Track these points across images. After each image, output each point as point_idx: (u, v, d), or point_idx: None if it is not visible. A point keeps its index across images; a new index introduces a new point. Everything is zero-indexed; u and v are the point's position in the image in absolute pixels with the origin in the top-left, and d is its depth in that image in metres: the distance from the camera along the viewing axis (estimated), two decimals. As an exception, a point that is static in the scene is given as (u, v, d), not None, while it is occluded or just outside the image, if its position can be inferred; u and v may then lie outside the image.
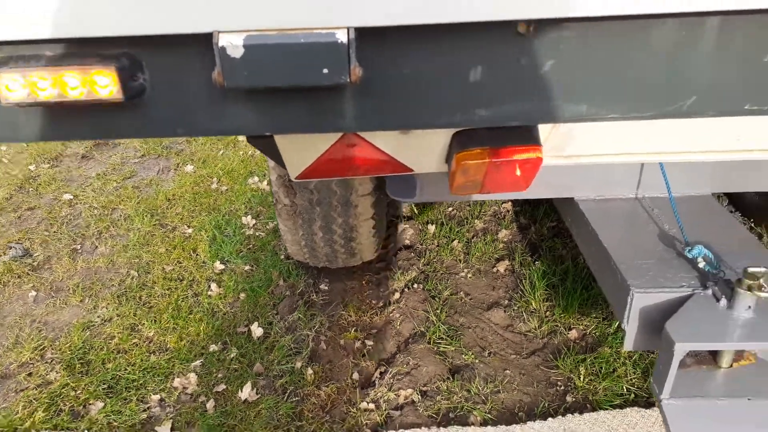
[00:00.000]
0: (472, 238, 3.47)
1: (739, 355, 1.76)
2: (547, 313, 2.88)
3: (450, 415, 2.40)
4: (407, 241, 3.47)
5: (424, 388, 2.51)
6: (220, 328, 2.80)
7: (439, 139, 1.30)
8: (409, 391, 2.49)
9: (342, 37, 0.79)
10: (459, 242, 3.41)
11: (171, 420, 2.35)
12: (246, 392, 2.44)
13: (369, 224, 2.70)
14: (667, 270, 1.83)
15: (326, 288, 3.11)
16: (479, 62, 0.90)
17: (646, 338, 1.78)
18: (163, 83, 0.89)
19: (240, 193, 3.95)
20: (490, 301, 3.02)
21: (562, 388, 2.52)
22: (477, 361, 2.65)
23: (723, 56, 0.91)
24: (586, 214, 2.21)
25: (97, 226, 3.65)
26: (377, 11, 0.79)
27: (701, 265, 1.77)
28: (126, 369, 2.56)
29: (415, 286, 3.09)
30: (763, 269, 1.63)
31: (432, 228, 3.53)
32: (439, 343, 2.73)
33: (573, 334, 2.77)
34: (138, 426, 2.33)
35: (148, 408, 2.41)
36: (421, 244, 3.43)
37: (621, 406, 2.39)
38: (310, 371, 2.56)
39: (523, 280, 3.06)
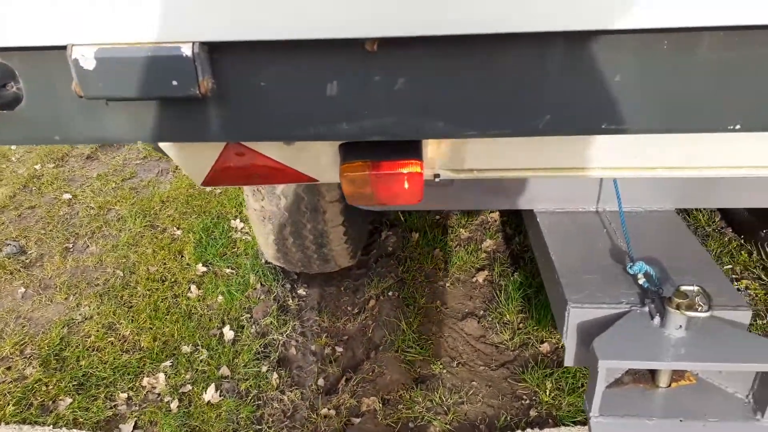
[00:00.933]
0: (456, 246, 3.46)
1: (679, 375, 1.72)
2: (521, 325, 2.86)
3: (410, 425, 2.40)
4: (390, 248, 3.48)
5: (387, 397, 2.51)
6: (194, 330, 2.85)
7: (327, 149, 1.31)
8: (372, 398, 2.50)
9: (187, 51, 0.82)
10: (441, 250, 3.41)
11: (135, 418, 2.40)
12: (210, 394, 2.48)
13: (340, 230, 2.71)
14: (608, 286, 1.81)
15: (304, 293, 3.14)
16: (333, 77, 0.91)
17: (585, 354, 1.75)
18: (37, 92, 0.93)
19: (232, 197, 4.01)
20: (465, 311, 3.01)
21: (527, 401, 2.49)
22: (445, 371, 2.64)
23: (573, 76, 0.90)
24: (541, 225, 2.20)
25: (91, 226, 3.75)
26: (220, 27, 0.81)
27: (641, 281, 1.74)
28: (98, 367, 2.63)
29: (392, 293, 3.09)
30: (695, 288, 1.60)
31: (416, 236, 3.53)
32: (408, 351, 2.73)
33: (545, 347, 2.74)
34: (102, 423, 2.39)
35: (114, 406, 2.47)
36: (403, 252, 3.43)
37: (583, 423, 2.36)
38: (275, 375, 2.59)
39: (500, 291, 3.03)
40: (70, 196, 4.13)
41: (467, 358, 2.74)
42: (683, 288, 1.60)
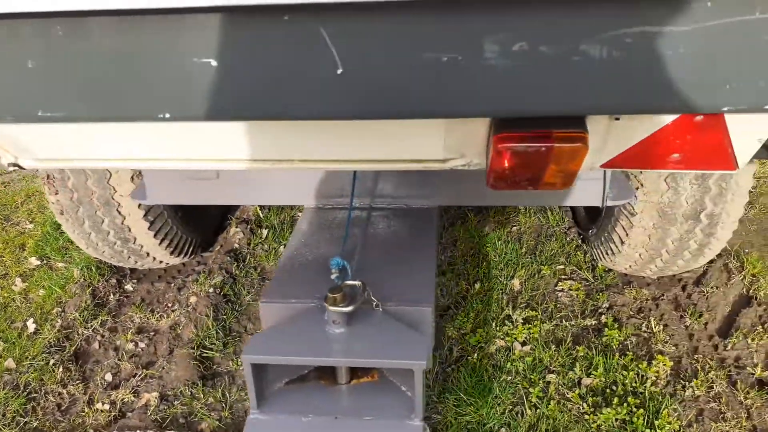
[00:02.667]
0: (302, 244, 3.44)
1: (364, 372, 1.71)
2: (330, 323, 2.84)
3: (180, 420, 2.38)
4: (236, 245, 3.46)
5: (169, 393, 2.50)
6: (1, 323, 2.83)
7: None
8: (154, 394, 2.48)
9: None
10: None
11: None
12: (-15, 386, 2.46)
13: (143, 225, 2.69)
14: (311, 282, 1.80)
15: (131, 288, 3.12)
16: None
17: None
18: None
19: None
20: (287, 308, 2.99)
21: (309, 399, 2.47)
22: (241, 368, 2.63)
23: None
24: (300, 221, 2.19)
25: (-55, 219, 3.73)
26: None
27: (333, 276, 1.73)
28: None
29: (216, 290, 3.06)
30: (358, 283, 1.59)
31: (266, 232, 3.51)
32: (210, 348, 2.71)
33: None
34: None
35: None
36: (248, 248, 3.42)
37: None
38: (61, 369, 2.57)
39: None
40: (-59, 189, 4.11)
41: (270, 355, 2.72)
42: (347, 283, 1.60)
